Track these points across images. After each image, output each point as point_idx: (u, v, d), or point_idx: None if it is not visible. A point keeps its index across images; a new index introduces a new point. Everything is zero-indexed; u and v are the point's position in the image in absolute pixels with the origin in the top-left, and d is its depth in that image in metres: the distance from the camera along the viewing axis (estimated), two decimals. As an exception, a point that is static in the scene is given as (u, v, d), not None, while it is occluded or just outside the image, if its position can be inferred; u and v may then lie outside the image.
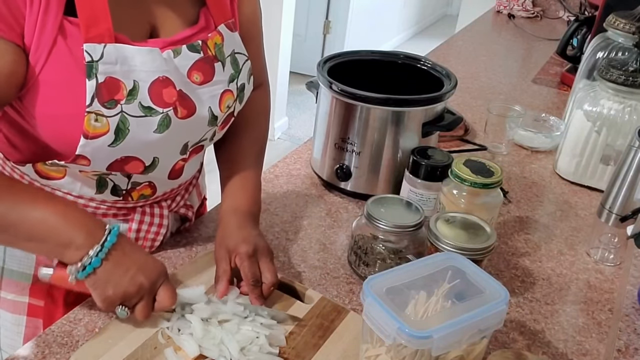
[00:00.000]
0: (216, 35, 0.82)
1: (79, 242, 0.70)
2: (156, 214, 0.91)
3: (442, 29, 6.03)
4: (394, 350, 0.65)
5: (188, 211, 0.98)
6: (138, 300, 0.74)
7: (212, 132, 0.86)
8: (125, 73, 0.73)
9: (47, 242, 0.71)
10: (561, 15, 2.58)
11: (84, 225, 0.71)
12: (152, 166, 0.81)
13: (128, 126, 0.74)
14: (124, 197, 0.86)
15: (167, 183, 0.89)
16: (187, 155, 0.86)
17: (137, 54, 0.73)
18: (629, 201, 0.96)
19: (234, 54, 0.85)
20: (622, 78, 1.15)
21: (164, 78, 0.76)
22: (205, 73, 0.81)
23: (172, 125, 0.78)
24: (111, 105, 0.72)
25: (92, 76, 0.70)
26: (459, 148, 1.37)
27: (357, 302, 0.87)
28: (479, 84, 1.81)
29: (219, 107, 0.83)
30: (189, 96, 0.79)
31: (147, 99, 0.75)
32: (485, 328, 0.66)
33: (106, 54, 0.71)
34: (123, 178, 0.83)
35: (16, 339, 0.91)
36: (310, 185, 1.18)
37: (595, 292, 0.95)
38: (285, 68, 3.63)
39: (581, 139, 1.22)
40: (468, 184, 0.90)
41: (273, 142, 3.74)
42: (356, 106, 1.05)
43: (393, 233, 0.87)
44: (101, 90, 0.71)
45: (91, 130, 0.71)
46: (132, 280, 0.72)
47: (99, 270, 0.70)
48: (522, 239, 1.07)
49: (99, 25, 0.70)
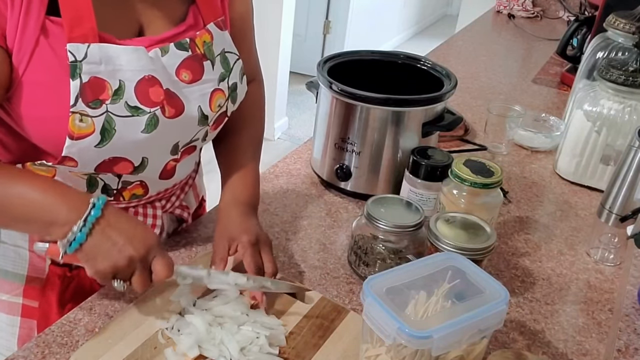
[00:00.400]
0: (205, 34, 0.82)
1: (63, 218, 0.69)
2: (149, 214, 0.90)
3: (442, 29, 6.03)
4: (394, 350, 0.65)
5: (183, 212, 0.98)
6: (132, 272, 0.72)
7: (203, 131, 0.85)
8: (111, 73, 0.72)
9: (33, 221, 0.71)
10: (561, 15, 2.58)
11: (66, 200, 0.70)
12: (142, 167, 0.80)
13: (114, 126, 0.73)
14: (115, 197, 0.86)
15: (159, 183, 0.88)
16: (178, 155, 0.85)
17: (122, 53, 0.73)
18: (629, 201, 0.96)
19: (224, 52, 0.85)
20: (622, 78, 1.15)
21: (149, 77, 0.75)
22: (194, 71, 0.80)
23: (160, 125, 0.77)
24: (96, 105, 0.71)
25: (76, 76, 0.70)
26: (459, 148, 1.37)
27: (357, 302, 0.87)
28: (479, 84, 1.81)
29: (209, 106, 0.83)
30: (177, 95, 0.79)
31: (133, 98, 0.74)
32: (485, 328, 0.66)
33: (90, 53, 0.70)
34: (113, 177, 0.83)
35: (11, 340, 0.91)
36: (310, 185, 1.18)
37: (595, 292, 0.95)
38: (285, 68, 3.63)
39: (581, 139, 1.21)
40: (468, 184, 0.90)
41: (273, 142, 3.74)
42: (356, 106, 1.05)
43: (393, 233, 0.87)
44: (85, 90, 0.70)
45: (76, 130, 0.71)
46: (120, 253, 0.70)
47: (85, 245, 0.69)
48: (522, 239, 1.07)
49: (82, 25, 0.69)
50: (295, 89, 4.14)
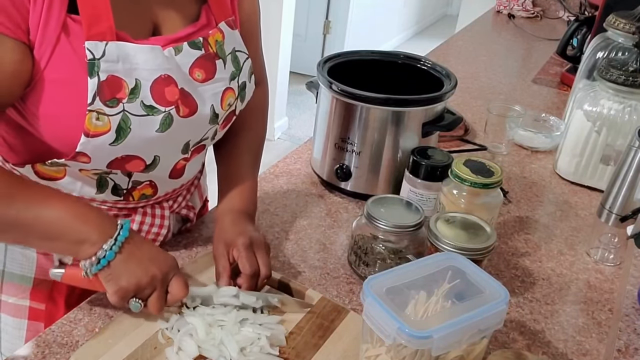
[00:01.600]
0: (217, 33, 0.82)
1: (94, 238, 0.71)
2: (157, 214, 0.91)
3: (442, 29, 6.03)
4: (394, 350, 0.65)
5: (190, 212, 0.98)
6: (151, 292, 0.74)
7: (213, 130, 0.86)
8: (127, 71, 0.72)
9: (61, 240, 0.72)
10: (561, 15, 2.58)
11: (97, 222, 0.73)
12: (153, 165, 0.81)
13: (130, 125, 0.74)
14: (125, 197, 0.86)
15: (169, 182, 0.89)
16: (188, 154, 0.86)
17: (139, 52, 0.73)
18: (629, 201, 0.96)
19: (234, 51, 0.85)
20: (622, 78, 1.15)
21: (166, 76, 0.76)
22: (207, 70, 0.81)
23: (174, 124, 0.78)
24: (113, 104, 0.72)
25: (94, 74, 0.70)
26: (459, 148, 1.37)
27: (357, 302, 0.87)
28: (479, 84, 1.81)
29: (221, 105, 0.83)
30: (191, 94, 0.79)
31: (149, 97, 0.74)
32: (486, 328, 0.66)
33: (108, 51, 0.70)
34: (124, 177, 0.83)
35: (17, 343, 0.91)
36: (310, 185, 1.18)
37: (595, 292, 0.95)
38: (285, 68, 3.63)
39: (581, 139, 1.21)
40: (468, 184, 0.90)
41: (273, 142, 3.74)
42: (356, 106, 1.05)
43: (393, 233, 0.87)
44: (103, 88, 0.71)
45: (92, 128, 0.71)
46: (145, 271, 0.73)
47: (113, 263, 0.72)
48: (522, 239, 1.07)
49: (100, 23, 0.70)
50: (295, 89, 4.14)
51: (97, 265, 0.71)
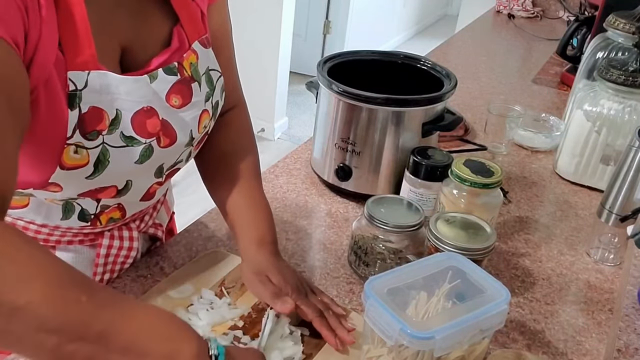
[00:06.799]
0: (191, 55, 0.79)
1: (189, 352, 0.57)
2: (125, 237, 0.87)
3: (442, 29, 6.02)
4: (395, 351, 0.65)
5: (157, 230, 0.95)
6: None
7: (187, 152, 0.83)
8: (109, 102, 0.69)
9: (148, 355, 0.55)
10: (561, 15, 2.58)
11: (192, 336, 0.59)
12: (125, 190, 0.77)
13: (108, 157, 0.70)
14: (92, 222, 0.81)
15: (138, 205, 0.85)
16: (162, 178, 0.82)
17: (121, 83, 0.70)
18: (629, 201, 0.96)
19: (208, 71, 0.81)
20: (622, 78, 1.15)
21: (148, 108, 0.73)
22: (183, 95, 0.77)
23: (154, 155, 0.75)
24: (93, 136, 0.68)
25: (75, 106, 0.66)
26: (459, 148, 1.37)
27: (358, 302, 0.87)
28: (479, 84, 1.81)
29: (198, 129, 0.81)
30: (171, 124, 0.76)
31: (129, 128, 0.71)
32: (487, 328, 0.66)
33: (90, 81, 0.67)
34: (92, 202, 0.79)
35: None
36: (310, 185, 1.18)
37: (595, 292, 0.95)
38: (285, 68, 3.62)
39: (581, 139, 1.22)
40: (468, 184, 0.90)
41: (273, 142, 3.74)
42: (356, 106, 1.05)
43: (393, 233, 0.87)
44: (84, 121, 0.67)
45: (69, 162, 0.68)
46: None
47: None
48: (522, 239, 1.07)
49: (83, 52, 0.66)
50: (295, 89, 4.13)
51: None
